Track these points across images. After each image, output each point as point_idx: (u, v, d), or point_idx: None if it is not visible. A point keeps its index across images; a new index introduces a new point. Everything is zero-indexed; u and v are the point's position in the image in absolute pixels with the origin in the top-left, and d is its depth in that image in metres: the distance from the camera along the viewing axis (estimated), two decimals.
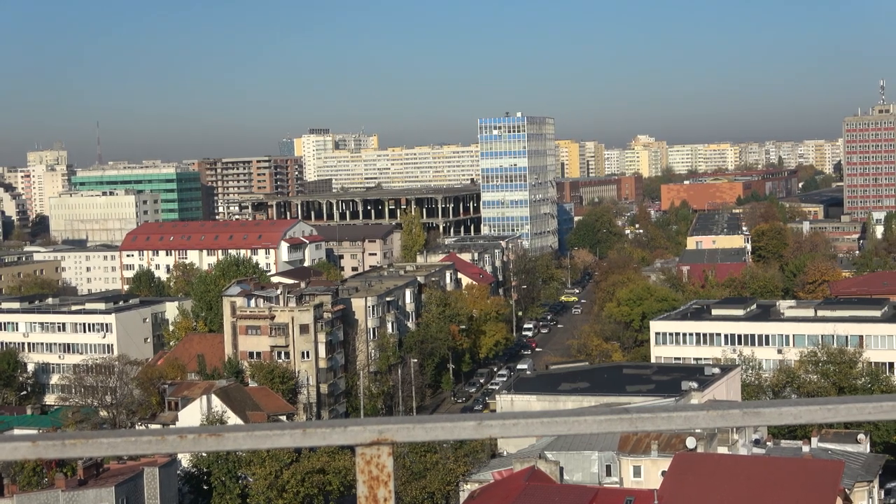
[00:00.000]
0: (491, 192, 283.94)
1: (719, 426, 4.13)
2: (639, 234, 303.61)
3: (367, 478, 4.13)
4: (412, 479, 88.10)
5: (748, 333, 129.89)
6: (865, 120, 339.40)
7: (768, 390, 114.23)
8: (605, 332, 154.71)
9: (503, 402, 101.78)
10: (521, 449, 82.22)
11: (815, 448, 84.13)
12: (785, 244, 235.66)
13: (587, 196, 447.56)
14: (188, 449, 4.09)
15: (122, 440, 4.08)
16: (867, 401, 4.05)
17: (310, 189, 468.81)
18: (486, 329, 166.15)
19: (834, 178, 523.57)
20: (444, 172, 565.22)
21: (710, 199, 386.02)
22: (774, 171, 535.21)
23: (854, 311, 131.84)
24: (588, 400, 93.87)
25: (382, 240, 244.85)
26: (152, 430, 4.17)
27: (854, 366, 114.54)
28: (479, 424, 4.05)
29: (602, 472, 79.48)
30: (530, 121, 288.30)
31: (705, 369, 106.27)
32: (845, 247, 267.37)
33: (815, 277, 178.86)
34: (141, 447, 4.09)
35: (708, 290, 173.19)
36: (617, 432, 4.15)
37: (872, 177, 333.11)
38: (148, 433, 4.10)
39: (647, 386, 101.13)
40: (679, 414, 4.07)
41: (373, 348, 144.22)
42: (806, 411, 4.05)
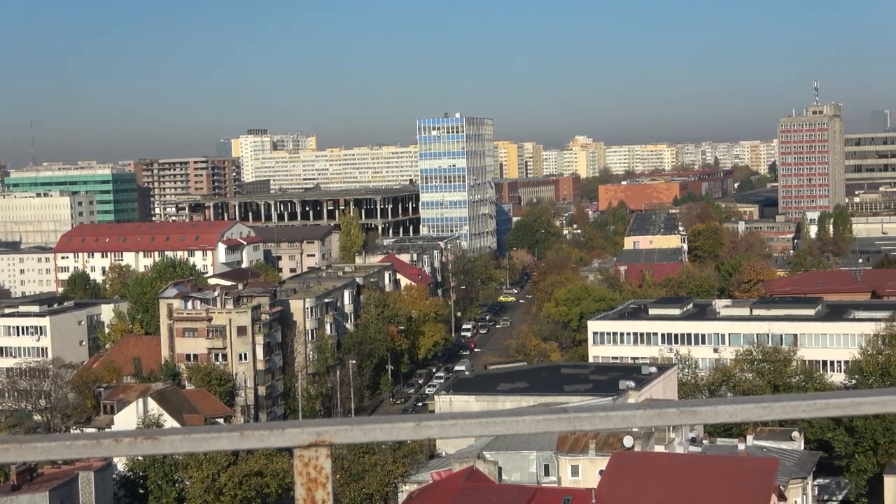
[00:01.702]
0: (430, 192, 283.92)
1: (656, 425, 4.16)
2: (577, 235, 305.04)
3: (305, 480, 4.11)
4: (350, 480, 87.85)
5: (685, 333, 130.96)
6: (799, 121, 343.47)
7: (704, 389, 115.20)
8: (544, 332, 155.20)
9: (442, 402, 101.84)
10: (460, 449, 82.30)
11: (750, 446, 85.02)
12: (721, 244, 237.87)
13: (526, 196, 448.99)
14: (124, 453, 4.05)
15: (56, 444, 4.03)
16: (801, 399, 4.09)
17: (248, 190, 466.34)
18: (425, 330, 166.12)
19: (769, 178, 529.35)
20: (383, 173, 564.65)
21: (648, 200, 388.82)
22: (710, 172, 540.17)
23: (788, 310, 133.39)
24: (526, 400, 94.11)
25: (321, 241, 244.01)
26: (87, 434, 4.12)
27: (788, 364, 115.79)
28: (418, 425, 4.05)
29: (540, 471, 79.76)
30: (469, 122, 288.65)
31: (642, 368, 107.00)
32: (780, 246, 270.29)
33: (750, 277, 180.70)
34: (76, 451, 4.04)
35: (645, 290, 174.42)
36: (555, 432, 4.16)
37: (806, 177, 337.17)
38: (83, 437, 4.05)
39: (584, 385, 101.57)
40: (616, 413, 4.09)
41: (311, 350, 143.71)
42: (741, 409, 4.09)
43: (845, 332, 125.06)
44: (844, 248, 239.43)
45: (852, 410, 4.14)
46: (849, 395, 4.13)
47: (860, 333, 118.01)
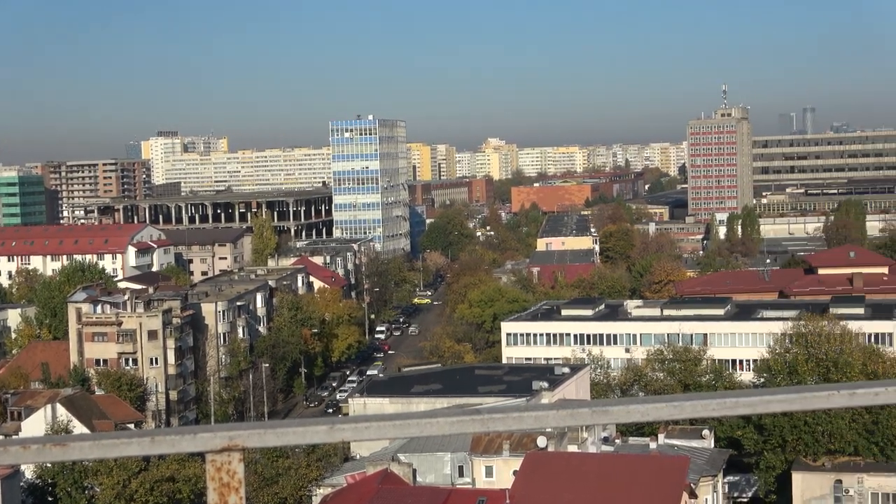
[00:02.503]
0: (342, 194, 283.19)
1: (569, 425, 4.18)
2: (490, 236, 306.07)
3: (217, 485, 4.07)
4: (264, 484, 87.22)
5: (597, 333, 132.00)
6: (708, 123, 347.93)
7: (616, 389, 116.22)
8: (457, 334, 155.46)
9: (356, 405, 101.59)
10: (374, 452, 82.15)
11: (661, 444, 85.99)
12: (632, 245, 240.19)
13: (439, 198, 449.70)
14: (32, 459, 3.98)
15: None
16: (711, 397, 4.15)
17: (158, 192, 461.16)
18: (339, 332, 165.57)
19: (679, 180, 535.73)
20: (296, 175, 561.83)
21: (560, 201, 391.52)
22: (621, 174, 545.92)
23: (698, 309, 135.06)
24: (441, 401, 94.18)
25: (233, 243, 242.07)
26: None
27: (699, 363, 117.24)
28: (331, 428, 4.03)
29: (455, 473, 79.90)
30: (382, 123, 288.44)
31: (555, 369, 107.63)
32: (690, 247, 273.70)
33: (661, 277, 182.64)
34: None
35: (558, 291, 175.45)
36: (469, 433, 4.18)
37: (715, 179, 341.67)
38: None
39: (498, 386, 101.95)
40: (530, 414, 4.11)
41: (223, 353, 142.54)
42: (653, 409, 4.13)
43: (754, 331, 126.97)
44: (752, 248, 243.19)
45: (761, 409, 4.20)
46: (757, 393, 4.19)
47: (768, 333, 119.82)
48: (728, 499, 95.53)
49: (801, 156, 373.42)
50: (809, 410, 4.02)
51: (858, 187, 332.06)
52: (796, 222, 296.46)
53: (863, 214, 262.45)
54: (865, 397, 4.19)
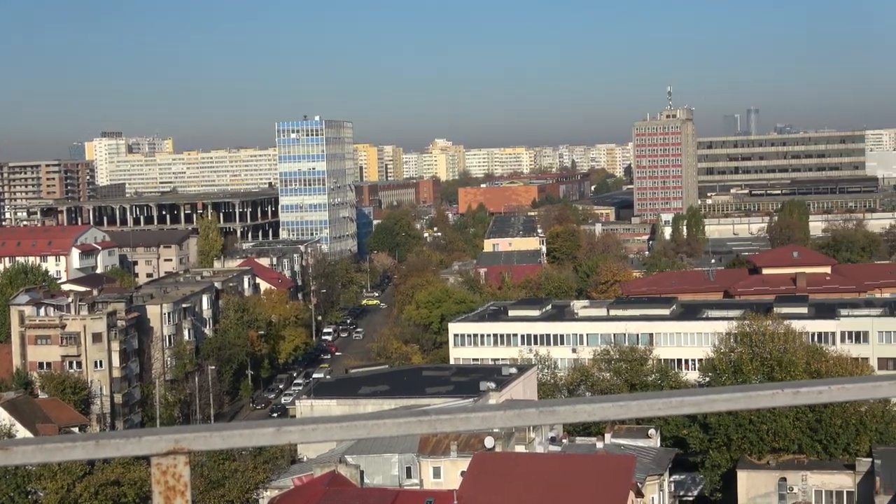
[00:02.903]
0: (289, 196, 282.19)
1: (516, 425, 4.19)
2: (437, 237, 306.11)
3: (163, 488, 4.04)
4: (210, 487, 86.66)
5: (544, 333, 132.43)
6: (654, 124, 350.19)
7: (563, 389, 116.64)
8: (405, 335, 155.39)
9: (303, 407, 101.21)
10: (322, 454, 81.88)
11: (608, 444, 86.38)
12: (578, 245, 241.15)
13: (386, 200, 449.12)
14: None
15: None
16: (657, 397, 4.17)
17: (102, 194, 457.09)
18: (286, 334, 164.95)
19: (625, 181, 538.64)
20: (242, 176, 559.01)
21: (507, 202, 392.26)
22: (568, 175, 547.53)
23: (644, 310, 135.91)
24: (388, 403, 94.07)
25: (178, 245, 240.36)
26: None
27: (645, 363, 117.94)
28: (278, 430, 4.01)
29: (402, 474, 79.80)
30: (328, 124, 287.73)
31: (503, 369, 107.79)
32: (636, 247, 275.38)
33: (607, 278, 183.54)
34: None
35: (505, 292, 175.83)
36: (417, 434, 4.18)
37: (661, 179, 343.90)
38: None
39: (446, 387, 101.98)
40: (477, 414, 4.11)
41: (169, 356, 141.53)
42: (599, 409, 4.14)
43: (699, 331, 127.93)
44: (697, 248, 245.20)
45: (706, 408, 4.23)
46: (703, 392, 4.21)
47: (713, 332, 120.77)
48: (674, 497, 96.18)
49: (745, 157, 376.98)
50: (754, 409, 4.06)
51: (801, 188, 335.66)
52: (741, 223, 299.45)
53: (806, 215, 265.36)
54: (809, 396, 4.23)
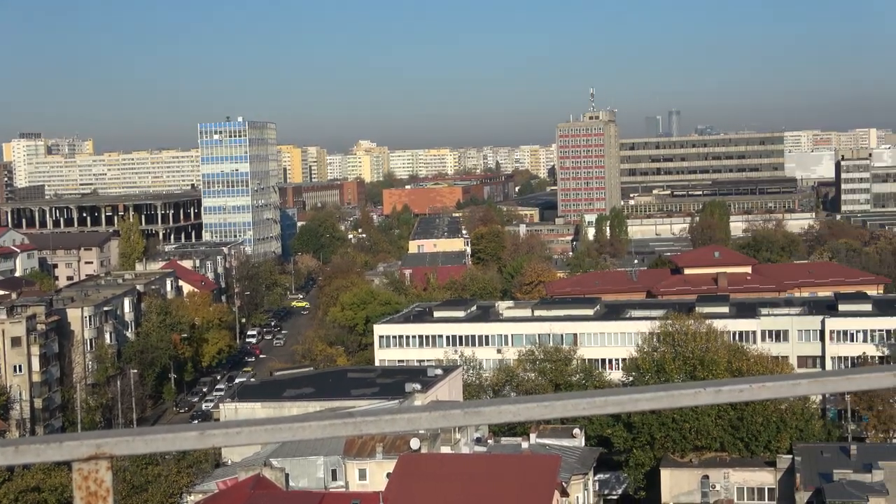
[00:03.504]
0: (212, 197, 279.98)
1: (442, 426, 4.19)
2: (362, 239, 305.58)
3: (84, 494, 3.99)
4: (133, 492, 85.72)
5: (469, 334, 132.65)
6: (577, 126, 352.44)
7: (489, 389, 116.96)
8: (330, 337, 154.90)
9: (227, 410, 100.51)
10: (246, 457, 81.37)
11: (533, 444, 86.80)
12: (503, 246, 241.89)
13: (310, 201, 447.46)
14: None
15: None
16: (581, 397, 4.19)
17: (21, 196, 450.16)
18: (209, 337, 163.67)
19: (548, 182, 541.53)
20: (164, 178, 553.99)
21: (431, 204, 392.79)
22: (492, 176, 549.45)
23: (568, 310, 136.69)
24: (313, 405, 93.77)
25: (99, 248, 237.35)
26: None
27: (569, 363, 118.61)
28: (202, 434, 3.97)
29: (328, 476, 79.57)
30: (251, 125, 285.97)
31: (428, 371, 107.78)
32: (560, 248, 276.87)
33: (531, 278, 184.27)
34: None
35: (430, 293, 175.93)
36: (342, 436, 4.16)
37: (584, 181, 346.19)
38: None
39: (371, 389, 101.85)
40: (402, 416, 4.10)
41: (90, 360, 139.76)
42: (524, 409, 4.16)
43: (622, 330, 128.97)
44: (621, 249, 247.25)
45: (630, 407, 4.26)
46: (626, 392, 4.24)
47: (636, 332, 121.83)
48: (599, 496, 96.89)
49: (666, 158, 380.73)
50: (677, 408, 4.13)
51: (722, 189, 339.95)
52: (663, 223, 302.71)
53: (727, 215, 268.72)
54: (730, 394, 4.28)
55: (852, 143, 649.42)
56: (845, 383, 4.48)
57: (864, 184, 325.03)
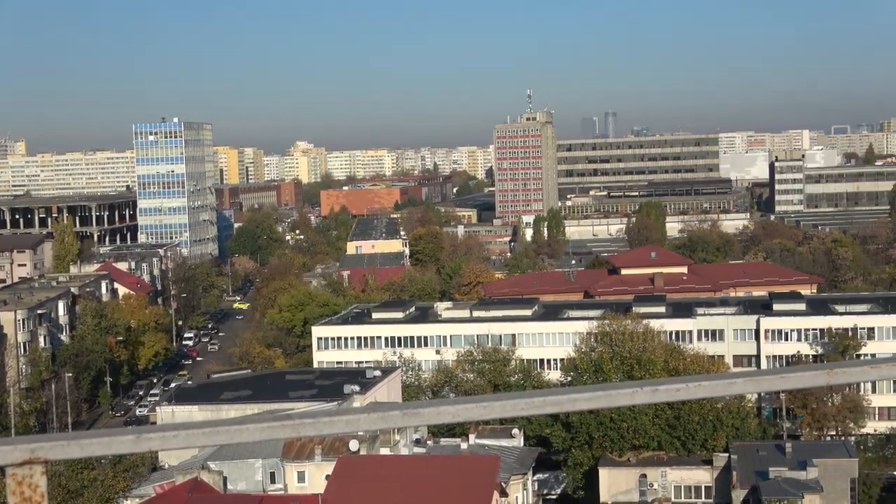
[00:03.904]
0: (147, 199, 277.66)
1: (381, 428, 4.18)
2: (300, 240, 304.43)
3: (19, 499, 3.94)
4: (68, 497, 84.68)
5: (408, 335, 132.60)
6: (514, 127, 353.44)
7: (428, 390, 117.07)
8: (268, 339, 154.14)
9: (164, 413, 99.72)
10: (184, 461, 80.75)
11: (472, 444, 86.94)
12: (441, 248, 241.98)
13: (247, 202, 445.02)
14: None
15: None
16: (519, 397, 4.20)
17: None
18: (145, 340, 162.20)
19: (486, 183, 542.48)
20: (98, 179, 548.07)
21: (369, 205, 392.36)
22: (430, 177, 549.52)
23: (507, 310, 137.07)
24: (251, 408, 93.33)
25: (32, 250, 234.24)
26: None
27: (508, 363, 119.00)
28: (138, 438, 3.94)
29: (266, 479, 79.19)
30: (187, 126, 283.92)
31: (367, 372, 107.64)
32: (498, 249, 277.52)
33: (470, 279, 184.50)
34: None
35: (368, 294, 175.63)
36: (280, 439, 4.15)
37: (521, 182, 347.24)
38: None
39: (310, 391, 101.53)
40: (341, 418, 4.10)
41: (24, 363, 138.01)
42: (463, 410, 4.17)
43: (560, 331, 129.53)
44: (558, 249, 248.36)
45: (568, 407, 4.28)
46: (564, 392, 4.26)
47: (574, 332, 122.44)
48: (538, 496, 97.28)
49: (603, 159, 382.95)
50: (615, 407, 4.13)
51: (658, 190, 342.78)
52: (600, 224, 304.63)
53: (663, 216, 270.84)
54: (667, 393, 4.31)
55: (785, 144, 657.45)
56: (780, 382, 4.54)
57: (797, 184, 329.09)
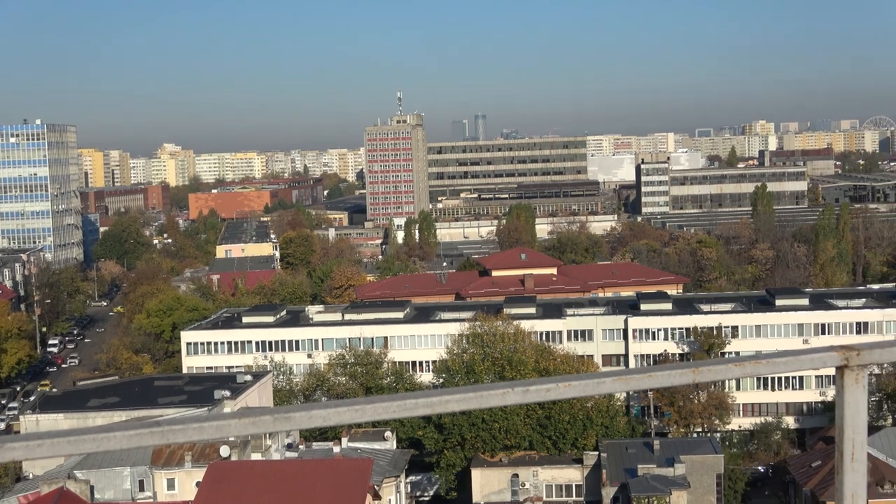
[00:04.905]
0: (9, 202, 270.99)
1: (252, 433, 4.14)
2: (168, 244, 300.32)
3: None
4: None
5: (279, 339, 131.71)
6: (384, 130, 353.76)
7: (300, 394, 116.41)
8: (136, 345, 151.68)
9: (28, 422, 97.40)
10: (49, 470, 78.98)
11: (345, 448, 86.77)
12: (312, 251, 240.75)
13: (113, 206, 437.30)
14: None
15: None
16: (391, 400, 4.20)
17: None
18: (8, 347, 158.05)
19: (357, 185, 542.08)
20: None
21: (239, 208, 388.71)
22: (300, 180, 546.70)
23: (378, 313, 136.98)
24: (119, 415, 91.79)
25: None
26: None
27: (380, 366, 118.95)
28: (0, 447, 3.84)
29: (135, 487, 77.94)
30: (50, 128, 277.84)
31: (237, 377, 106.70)
32: (369, 252, 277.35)
33: (341, 282, 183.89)
34: None
35: (238, 298, 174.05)
36: (149, 445, 4.08)
37: (392, 184, 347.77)
38: None
39: (179, 397, 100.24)
40: (211, 423, 4.05)
41: None
42: (334, 413, 4.15)
43: (432, 333, 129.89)
44: (429, 252, 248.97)
45: (440, 408, 4.29)
46: (436, 394, 4.27)
47: (446, 334, 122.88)
48: (411, 498, 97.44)
49: (473, 161, 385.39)
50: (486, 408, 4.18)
51: (528, 192, 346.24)
52: (470, 226, 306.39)
53: (532, 218, 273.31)
54: (538, 393, 4.35)
55: (651, 146, 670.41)
56: (647, 381, 4.61)
57: (662, 186, 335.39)
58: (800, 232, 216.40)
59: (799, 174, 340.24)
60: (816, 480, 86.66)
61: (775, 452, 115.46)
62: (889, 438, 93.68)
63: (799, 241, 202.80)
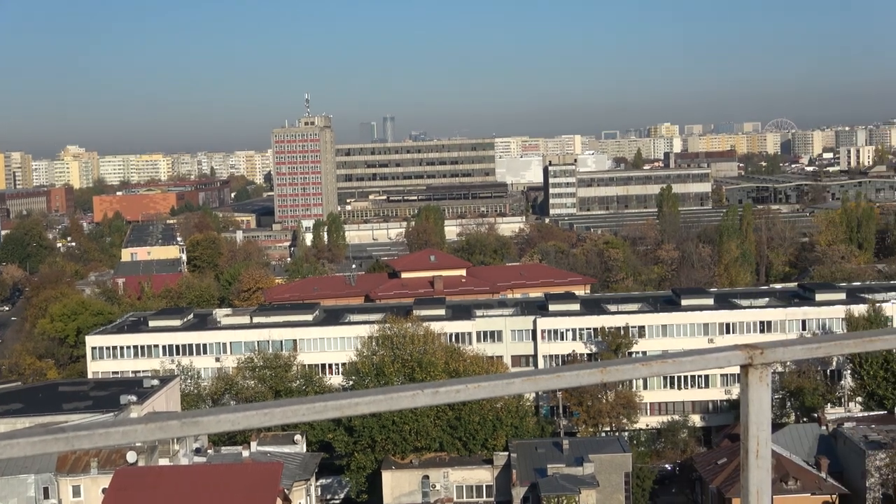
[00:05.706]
0: None
1: (159, 438, 4.10)
2: (72, 248, 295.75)
3: None
4: None
5: (186, 343, 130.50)
6: (292, 132, 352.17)
7: (208, 399, 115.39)
8: (39, 350, 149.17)
9: None
10: None
11: (254, 452, 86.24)
12: (220, 253, 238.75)
13: (15, 209, 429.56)
14: None
15: None
16: (301, 403, 4.19)
17: None
18: None
19: (265, 187, 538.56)
20: None
21: (145, 210, 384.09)
22: (207, 182, 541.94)
23: (287, 316, 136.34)
24: (22, 421, 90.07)
25: None
26: None
27: (289, 369, 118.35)
28: None
29: (39, 495, 76.69)
30: None
31: (144, 382, 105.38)
32: (278, 254, 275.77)
33: (249, 285, 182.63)
34: None
35: (144, 302, 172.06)
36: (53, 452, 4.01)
37: (301, 186, 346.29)
38: None
39: (84, 402, 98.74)
40: (117, 429, 3.99)
41: None
42: (243, 417, 4.12)
43: (342, 335, 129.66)
44: (339, 254, 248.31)
45: (349, 411, 4.28)
46: (346, 396, 4.27)
47: (356, 336, 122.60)
48: (321, 501, 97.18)
49: (382, 163, 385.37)
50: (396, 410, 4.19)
51: (437, 194, 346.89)
52: (380, 228, 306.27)
53: (441, 220, 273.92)
54: (448, 395, 4.37)
55: (559, 149, 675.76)
56: (556, 381, 4.65)
57: (570, 188, 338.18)
58: (704, 233, 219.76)
59: (703, 176, 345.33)
60: (722, 477, 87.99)
61: (682, 450, 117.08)
62: (792, 435, 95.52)
63: (703, 242, 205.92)
